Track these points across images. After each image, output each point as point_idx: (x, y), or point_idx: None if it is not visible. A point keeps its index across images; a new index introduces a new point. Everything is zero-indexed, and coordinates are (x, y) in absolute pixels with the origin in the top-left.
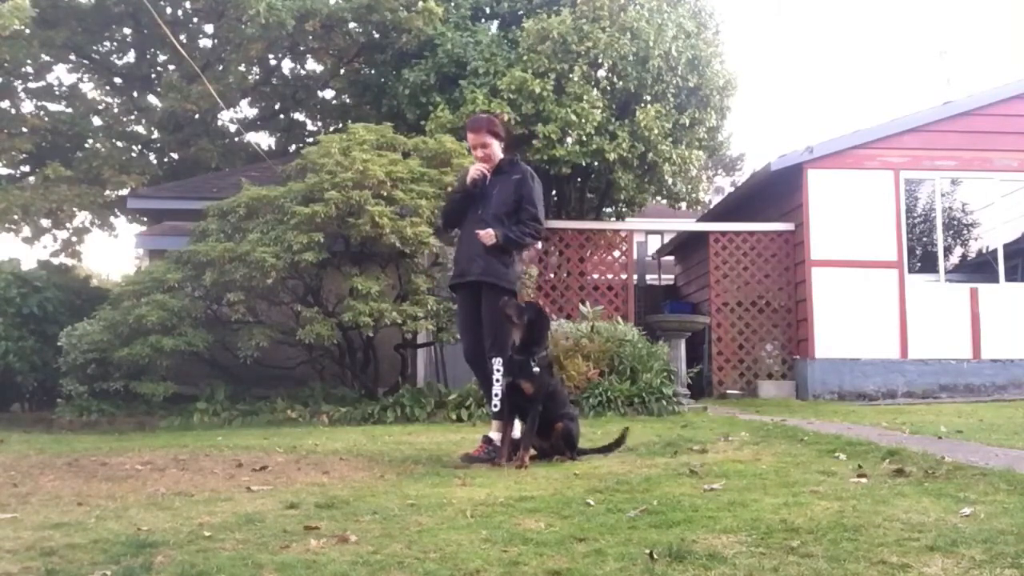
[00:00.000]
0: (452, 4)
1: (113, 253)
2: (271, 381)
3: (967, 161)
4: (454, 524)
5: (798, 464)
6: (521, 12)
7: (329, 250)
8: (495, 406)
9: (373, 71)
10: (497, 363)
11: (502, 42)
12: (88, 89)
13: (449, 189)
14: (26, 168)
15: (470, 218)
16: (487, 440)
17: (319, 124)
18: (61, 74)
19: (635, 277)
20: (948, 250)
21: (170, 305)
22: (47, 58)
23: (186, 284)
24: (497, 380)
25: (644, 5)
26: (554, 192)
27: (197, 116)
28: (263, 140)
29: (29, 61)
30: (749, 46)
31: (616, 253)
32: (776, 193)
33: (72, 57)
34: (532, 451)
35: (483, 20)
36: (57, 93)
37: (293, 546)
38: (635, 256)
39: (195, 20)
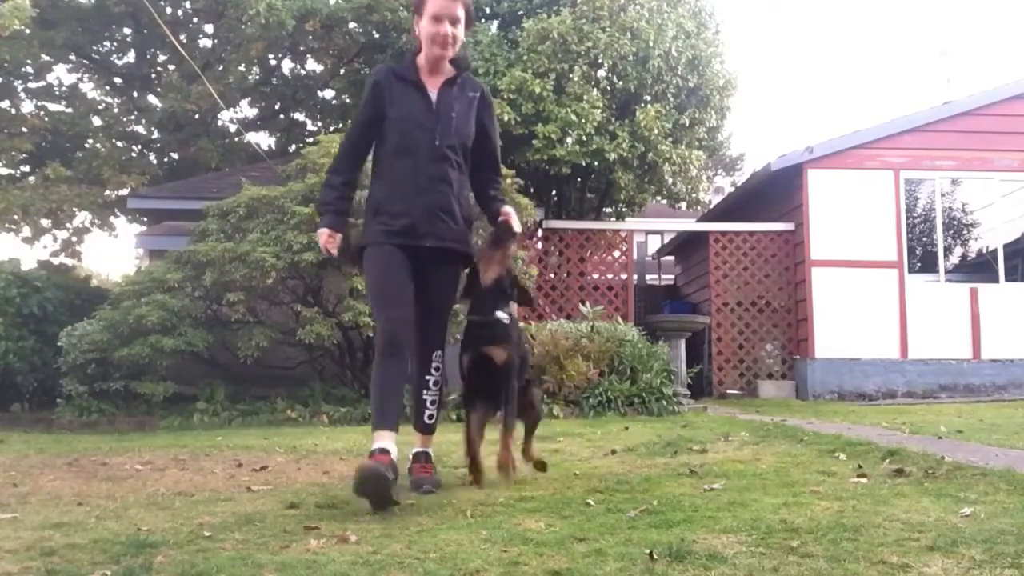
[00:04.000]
0: None
1: (113, 253)
2: (271, 381)
3: (967, 161)
4: (454, 524)
5: (798, 464)
6: (521, 12)
7: None
8: (429, 417)
9: None
10: (438, 358)
11: (502, 42)
12: (88, 89)
13: None
14: (26, 168)
15: (416, 148)
16: (425, 459)
17: (319, 124)
18: (61, 74)
19: (635, 277)
20: (948, 250)
21: (170, 305)
22: (47, 58)
23: (186, 284)
24: (435, 383)
25: (644, 5)
26: (554, 192)
27: (197, 116)
28: (263, 140)
29: (29, 61)
30: (749, 46)
31: (616, 253)
32: (776, 193)
33: (72, 57)
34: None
35: (483, 20)
36: (57, 93)
37: (293, 546)
38: (635, 256)
39: (195, 20)
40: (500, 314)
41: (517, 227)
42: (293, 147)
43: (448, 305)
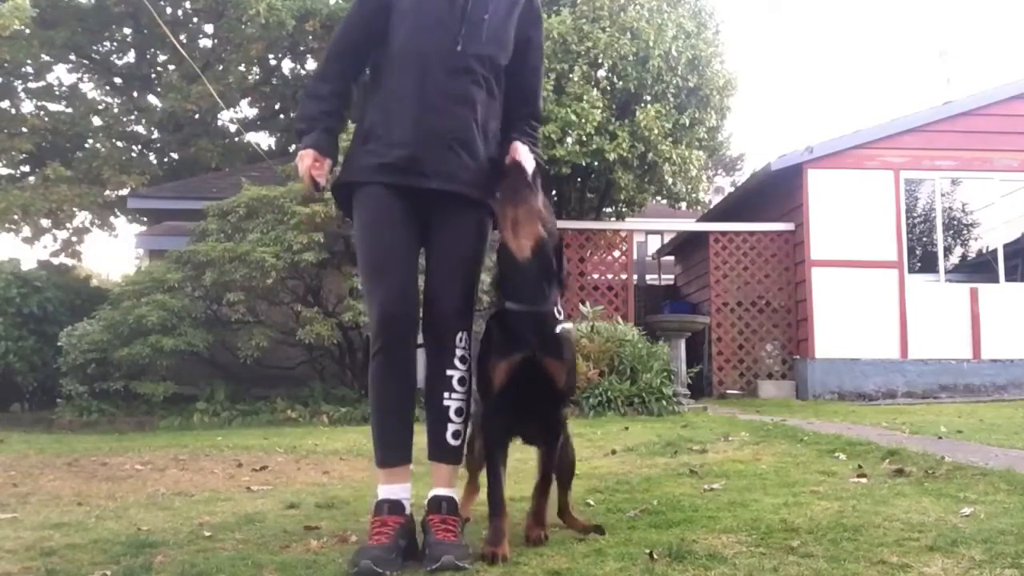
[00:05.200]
0: None
1: (113, 253)
2: (271, 381)
3: (967, 161)
4: None
5: (798, 464)
6: None
7: (329, 250)
8: (454, 435)
9: None
10: (463, 343)
11: None
12: (88, 89)
13: None
14: (26, 168)
15: (428, 52)
16: (448, 508)
17: None
18: (61, 74)
19: (635, 277)
20: (948, 250)
21: (170, 305)
22: (47, 58)
23: (186, 284)
24: (461, 380)
25: (644, 5)
26: (554, 192)
27: (197, 116)
28: (263, 140)
29: (29, 61)
30: (749, 46)
31: (616, 253)
32: (776, 193)
33: (72, 57)
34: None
35: None
36: (57, 93)
37: (293, 546)
38: (635, 256)
39: (195, 20)
40: (556, 310)
41: (528, 164)
42: (293, 147)
43: (474, 265)
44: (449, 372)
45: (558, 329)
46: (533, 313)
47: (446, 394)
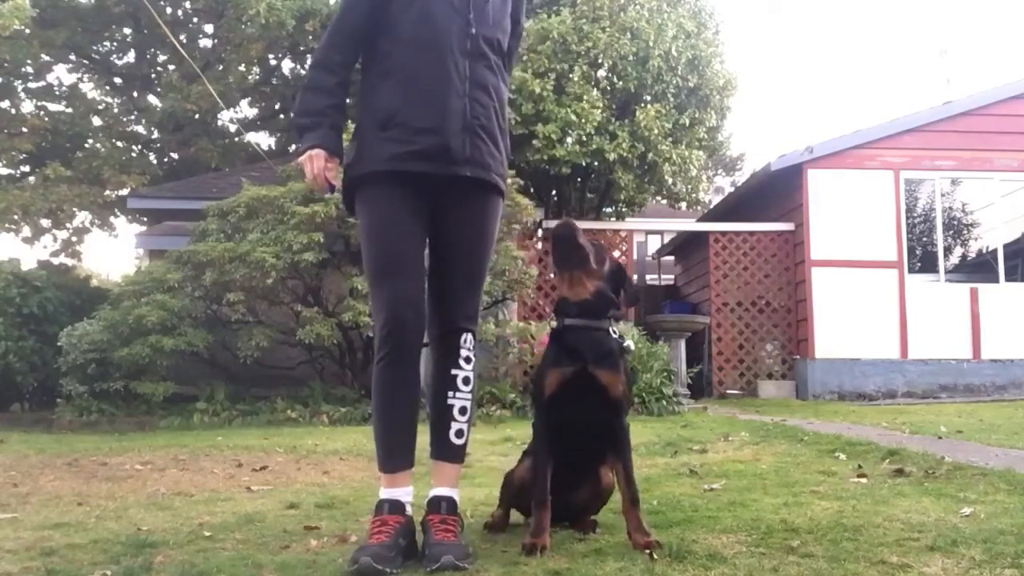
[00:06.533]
0: None
1: (113, 253)
2: (271, 381)
3: (967, 161)
4: None
5: (798, 464)
6: None
7: (329, 250)
8: (457, 434)
9: None
10: (468, 344)
11: None
12: (88, 89)
13: None
14: (26, 168)
15: (444, 35)
16: (448, 508)
17: None
18: (61, 74)
19: (635, 277)
20: (948, 250)
21: (170, 305)
22: (47, 58)
23: (186, 284)
24: (466, 380)
25: (644, 5)
26: (554, 192)
27: (197, 116)
28: (263, 140)
29: (29, 61)
30: (749, 46)
31: (616, 253)
32: (776, 193)
33: (72, 57)
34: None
35: None
36: (57, 93)
37: (293, 546)
38: (635, 256)
39: (195, 20)
40: (612, 329)
41: None
42: (293, 147)
43: (486, 262)
44: (454, 372)
45: (613, 344)
46: (588, 327)
47: (451, 393)
